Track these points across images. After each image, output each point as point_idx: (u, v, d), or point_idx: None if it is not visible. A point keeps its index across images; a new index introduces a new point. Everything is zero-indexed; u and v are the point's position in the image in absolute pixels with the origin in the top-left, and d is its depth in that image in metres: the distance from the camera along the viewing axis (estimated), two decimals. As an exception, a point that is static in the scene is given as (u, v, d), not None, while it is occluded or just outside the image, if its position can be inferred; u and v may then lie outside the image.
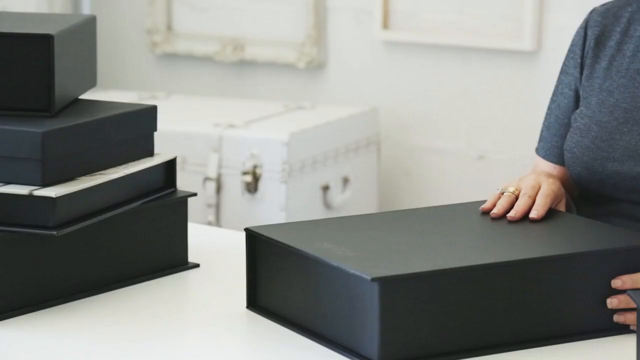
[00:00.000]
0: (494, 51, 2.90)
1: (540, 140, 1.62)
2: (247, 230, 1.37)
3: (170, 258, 1.52)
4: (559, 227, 1.40)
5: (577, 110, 1.55)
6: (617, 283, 1.27)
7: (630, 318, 1.27)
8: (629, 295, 1.14)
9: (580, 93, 1.56)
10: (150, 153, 1.53)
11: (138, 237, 1.49)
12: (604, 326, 1.29)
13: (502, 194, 1.42)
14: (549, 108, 1.62)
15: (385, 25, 3.03)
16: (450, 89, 2.97)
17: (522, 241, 1.37)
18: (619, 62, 1.52)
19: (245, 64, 3.28)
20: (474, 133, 2.90)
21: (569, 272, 1.27)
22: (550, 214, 1.44)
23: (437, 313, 1.22)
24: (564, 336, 1.27)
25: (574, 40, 1.60)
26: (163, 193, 1.52)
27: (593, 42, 1.56)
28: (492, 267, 1.25)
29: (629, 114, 1.48)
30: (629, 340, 1.24)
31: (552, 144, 1.59)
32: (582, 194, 1.53)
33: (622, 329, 1.28)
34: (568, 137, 1.53)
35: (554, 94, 1.61)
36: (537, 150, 1.62)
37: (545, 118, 1.63)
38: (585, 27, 1.59)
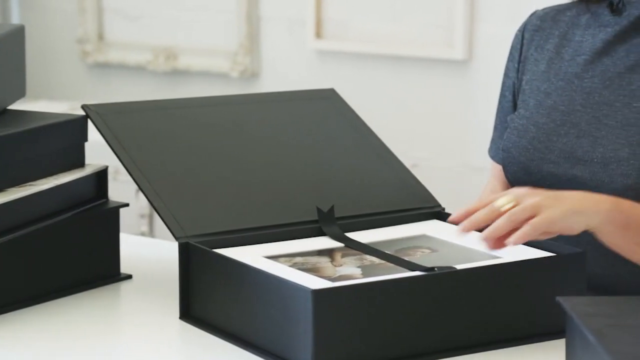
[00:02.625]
0: (426, 60, 2.93)
1: (490, 141, 1.64)
2: (179, 240, 1.36)
3: (102, 269, 1.50)
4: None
5: (516, 112, 1.57)
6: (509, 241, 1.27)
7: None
8: (558, 301, 1.15)
9: (519, 95, 1.58)
10: (81, 164, 1.52)
11: (69, 249, 1.47)
12: (538, 331, 1.30)
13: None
14: (496, 109, 1.64)
15: (318, 34, 3.04)
16: (383, 98, 2.99)
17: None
18: (557, 65, 1.54)
19: (178, 74, 3.26)
20: (408, 141, 2.92)
21: (501, 281, 1.28)
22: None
23: (371, 322, 1.22)
24: (498, 342, 1.28)
25: (512, 43, 1.62)
26: (94, 204, 1.50)
27: (531, 45, 1.58)
28: (425, 278, 1.26)
29: (565, 117, 1.49)
30: (555, 346, 1.26)
31: (499, 145, 1.60)
32: None
33: (554, 335, 1.29)
34: (505, 137, 1.55)
35: (500, 95, 1.63)
36: (488, 151, 1.63)
37: (494, 119, 1.64)
38: (523, 30, 1.60)
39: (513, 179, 1.53)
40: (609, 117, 1.46)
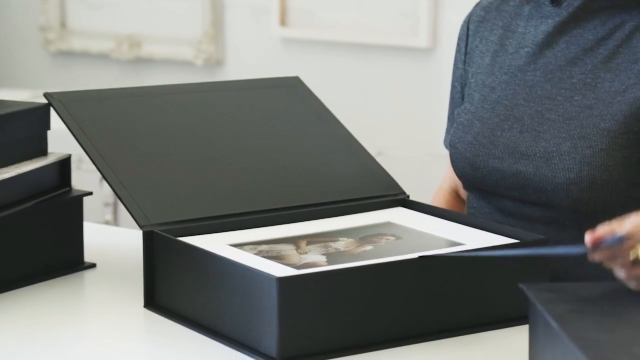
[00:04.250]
0: (391, 48, 2.93)
1: (445, 132, 1.64)
2: (144, 229, 1.36)
3: (66, 258, 1.50)
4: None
5: (462, 106, 1.57)
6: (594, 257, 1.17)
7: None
8: (521, 288, 1.16)
9: (466, 88, 1.58)
10: (43, 152, 1.51)
11: (32, 238, 1.46)
12: (503, 317, 1.31)
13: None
14: (449, 100, 1.64)
15: (283, 22, 3.03)
16: (348, 86, 2.99)
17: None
18: (501, 58, 1.53)
19: (142, 62, 3.25)
20: (373, 129, 2.92)
21: (465, 268, 1.29)
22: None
23: (336, 310, 1.23)
24: (462, 328, 1.29)
25: (459, 33, 1.61)
26: (57, 193, 1.49)
27: (476, 37, 1.58)
28: (389, 266, 1.26)
29: (509, 111, 1.49)
30: (519, 332, 1.27)
31: (449, 131, 1.61)
32: (468, 188, 1.55)
33: (518, 320, 1.30)
34: (452, 132, 1.55)
35: (451, 86, 1.63)
36: (443, 142, 1.64)
37: (448, 110, 1.65)
38: (468, 21, 1.60)
39: (461, 174, 1.53)
40: (551, 111, 1.46)
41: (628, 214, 1.37)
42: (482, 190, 1.52)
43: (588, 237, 1.15)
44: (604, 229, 1.16)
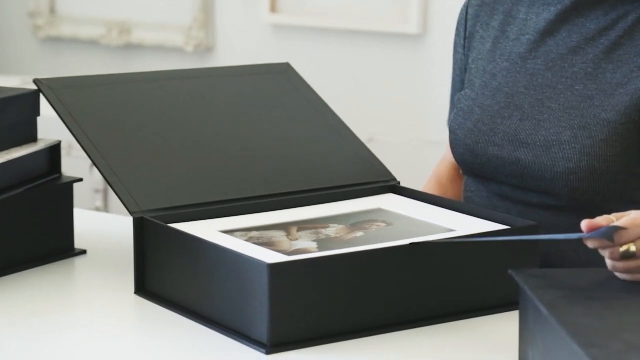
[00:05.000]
0: (381, 34, 2.93)
1: (449, 112, 1.65)
2: (134, 215, 1.36)
3: (56, 245, 1.49)
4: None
5: (462, 92, 1.57)
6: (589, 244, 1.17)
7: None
8: (510, 274, 1.16)
9: (466, 73, 1.58)
10: (33, 138, 1.50)
11: (22, 224, 1.46)
12: (493, 303, 1.31)
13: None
14: (451, 83, 1.64)
15: (273, 8, 3.03)
16: (338, 72, 2.98)
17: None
18: (502, 44, 1.54)
19: (131, 48, 3.24)
20: (363, 116, 2.92)
21: (456, 254, 1.29)
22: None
23: (326, 296, 1.23)
24: (453, 314, 1.29)
25: (458, 17, 1.61)
26: (47, 179, 1.49)
27: (477, 21, 1.58)
28: (380, 252, 1.26)
29: (509, 99, 1.50)
30: (509, 318, 1.27)
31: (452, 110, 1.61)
32: (467, 173, 1.56)
33: (508, 306, 1.30)
34: (452, 118, 1.55)
35: (452, 70, 1.63)
36: (447, 122, 1.63)
37: (450, 93, 1.65)
38: (467, 5, 1.60)
39: (460, 160, 1.53)
40: (552, 100, 1.46)
41: (625, 203, 1.38)
42: (480, 176, 1.52)
43: (584, 223, 1.16)
44: (602, 218, 1.17)
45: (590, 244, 1.17)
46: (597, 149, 1.41)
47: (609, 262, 1.17)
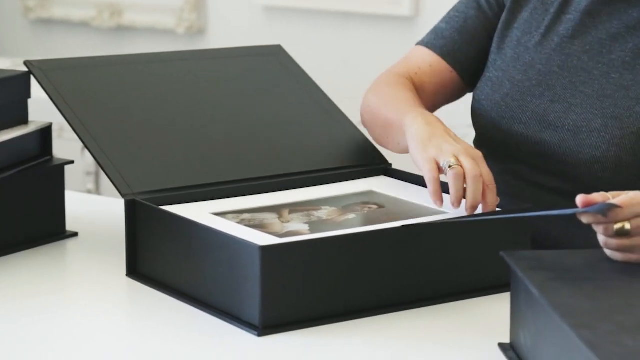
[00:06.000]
0: (373, 17, 2.92)
1: (432, 34, 1.57)
2: (126, 197, 1.36)
3: (48, 227, 1.49)
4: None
5: (491, 58, 1.52)
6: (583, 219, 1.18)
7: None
8: (502, 256, 1.16)
9: (495, 35, 1.52)
10: (24, 121, 1.50)
11: (13, 207, 1.46)
12: (485, 285, 1.31)
13: (442, 166, 1.29)
14: (455, 14, 1.56)
15: (265, -10, 3.02)
16: (330, 54, 2.98)
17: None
18: (540, 17, 1.49)
19: (123, 30, 3.23)
20: (355, 98, 2.92)
21: (448, 236, 1.29)
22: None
23: (318, 278, 1.23)
24: (445, 296, 1.29)
25: None
26: (38, 161, 1.49)
27: None
28: (371, 234, 1.26)
29: (542, 77, 1.46)
30: (501, 299, 1.27)
31: (453, 40, 1.54)
32: (482, 146, 1.50)
33: (500, 288, 1.31)
34: (479, 86, 1.51)
35: (454, 10, 1.56)
36: (427, 43, 1.57)
37: (448, 20, 1.57)
38: None
39: (480, 132, 1.50)
40: (586, 85, 1.43)
41: None
42: (497, 151, 1.49)
43: (579, 199, 1.16)
44: (598, 195, 1.17)
45: (584, 219, 1.16)
46: (627, 141, 1.39)
47: (601, 239, 1.17)
